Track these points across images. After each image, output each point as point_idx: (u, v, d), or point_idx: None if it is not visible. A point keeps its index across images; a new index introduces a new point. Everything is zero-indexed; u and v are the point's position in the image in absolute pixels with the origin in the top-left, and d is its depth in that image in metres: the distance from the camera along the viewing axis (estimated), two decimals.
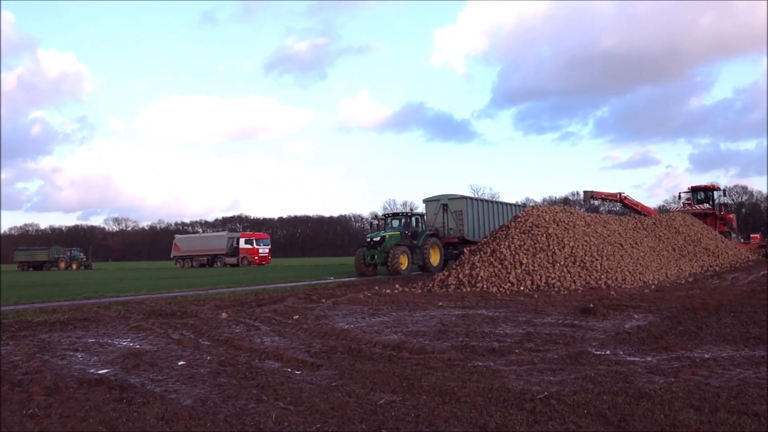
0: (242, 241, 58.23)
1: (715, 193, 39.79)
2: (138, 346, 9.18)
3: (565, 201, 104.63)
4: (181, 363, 7.79)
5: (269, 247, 61.05)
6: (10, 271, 61.60)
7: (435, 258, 30.20)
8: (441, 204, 32.64)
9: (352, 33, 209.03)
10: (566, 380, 6.37)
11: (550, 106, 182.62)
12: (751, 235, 44.20)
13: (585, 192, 37.22)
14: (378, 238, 29.11)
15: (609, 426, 4.85)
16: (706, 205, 38.28)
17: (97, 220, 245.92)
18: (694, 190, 39.91)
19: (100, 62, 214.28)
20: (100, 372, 7.27)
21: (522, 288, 17.66)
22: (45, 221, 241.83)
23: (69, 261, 68.48)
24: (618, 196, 36.42)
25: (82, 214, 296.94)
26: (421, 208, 35.67)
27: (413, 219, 31.32)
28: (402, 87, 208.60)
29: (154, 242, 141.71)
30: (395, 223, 31.36)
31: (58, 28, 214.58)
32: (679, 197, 42.01)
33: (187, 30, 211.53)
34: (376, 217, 31.95)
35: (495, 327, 10.50)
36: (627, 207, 37.53)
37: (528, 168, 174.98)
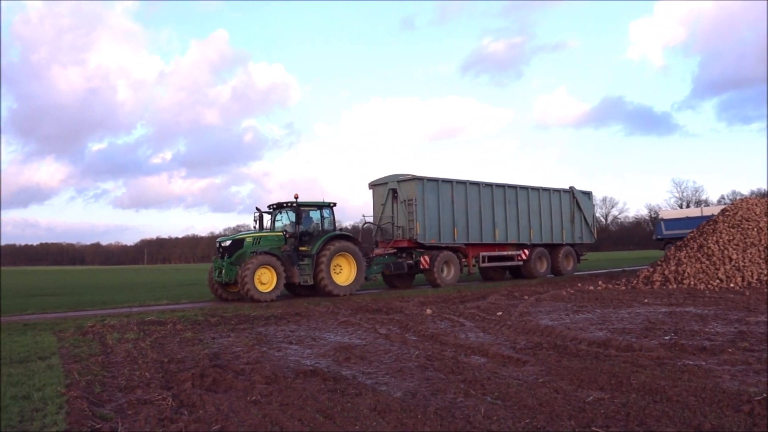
0: None
1: None
2: (347, 340, 9.59)
3: None
4: (389, 357, 8.02)
5: None
6: None
7: (345, 274, 19.06)
8: (389, 189, 22.15)
9: (547, 31, 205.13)
10: None
11: (755, 95, 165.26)
12: None
13: None
14: (229, 243, 18.41)
15: None
16: None
17: None
18: None
19: (306, 71, 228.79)
20: (313, 364, 7.65)
21: (732, 285, 16.67)
22: None
23: None
24: None
25: None
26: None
27: (302, 212, 18.99)
28: (599, 82, 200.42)
29: None
30: (287, 217, 19.55)
31: (268, 42, 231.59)
32: None
33: (388, 36, 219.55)
34: (258, 209, 20.05)
35: (704, 325, 9.98)
36: None
37: (734, 159, 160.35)
